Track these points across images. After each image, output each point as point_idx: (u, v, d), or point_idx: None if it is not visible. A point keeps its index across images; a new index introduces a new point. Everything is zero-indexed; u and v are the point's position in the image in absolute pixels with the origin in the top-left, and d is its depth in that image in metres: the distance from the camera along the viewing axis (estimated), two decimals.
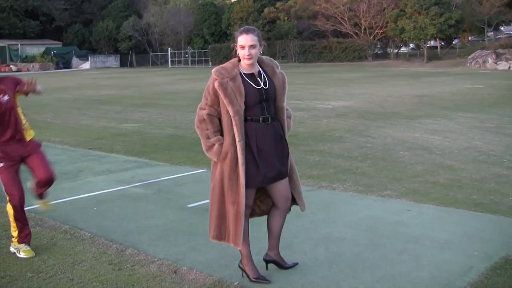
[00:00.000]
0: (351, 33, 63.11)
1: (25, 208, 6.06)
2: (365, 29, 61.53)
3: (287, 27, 68.26)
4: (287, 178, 5.17)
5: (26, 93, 6.01)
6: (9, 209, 5.94)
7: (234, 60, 5.05)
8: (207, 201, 7.82)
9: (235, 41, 5.00)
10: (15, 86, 5.91)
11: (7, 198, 5.92)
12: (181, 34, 75.98)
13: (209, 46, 72.75)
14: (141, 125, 16.37)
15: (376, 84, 30.98)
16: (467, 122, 15.28)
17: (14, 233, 6.03)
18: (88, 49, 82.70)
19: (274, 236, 5.35)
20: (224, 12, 73.49)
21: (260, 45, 4.97)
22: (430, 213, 7.19)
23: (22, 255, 5.93)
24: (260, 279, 5.17)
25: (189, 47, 77.52)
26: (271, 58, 5.22)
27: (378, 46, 68.12)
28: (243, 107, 4.89)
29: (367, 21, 60.49)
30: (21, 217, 5.99)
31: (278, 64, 5.20)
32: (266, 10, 69.78)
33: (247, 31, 4.93)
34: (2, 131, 5.83)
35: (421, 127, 14.61)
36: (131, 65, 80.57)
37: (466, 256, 5.65)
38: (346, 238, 6.15)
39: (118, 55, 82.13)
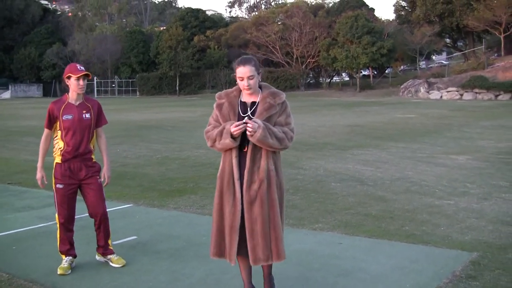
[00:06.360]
0: (283, 62, 63.76)
1: None
2: (297, 58, 62.25)
3: (218, 56, 68.53)
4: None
5: None
6: None
7: (238, 87, 5.18)
8: (134, 237, 7.65)
9: (234, 71, 5.13)
10: None
11: None
12: (108, 63, 75.46)
13: (137, 75, 72.30)
14: None
15: (308, 114, 31.23)
16: (399, 152, 15.42)
17: None
18: (8, 77, 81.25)
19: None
20: (153, 40, 73.22)
21: (258, 74, 5.07)
22: (362, 245, 7.14)
23: None
24: None
25: (116, 76, 76.99)
26: (275, 91, 5.19)
27: (311, 75, 69.05)
28: None
29: (299, 50, 61.23)
30: None
31: (279, 95, 5.14)
32: (196, 38, 69.94)
33: (244, 63, 5.04)
34: None
35: (353, 157, 14.65)
36: (55, 95, 78.93)
37: None
38: (277, 272, 5.98)
39: (41, 84, 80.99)
